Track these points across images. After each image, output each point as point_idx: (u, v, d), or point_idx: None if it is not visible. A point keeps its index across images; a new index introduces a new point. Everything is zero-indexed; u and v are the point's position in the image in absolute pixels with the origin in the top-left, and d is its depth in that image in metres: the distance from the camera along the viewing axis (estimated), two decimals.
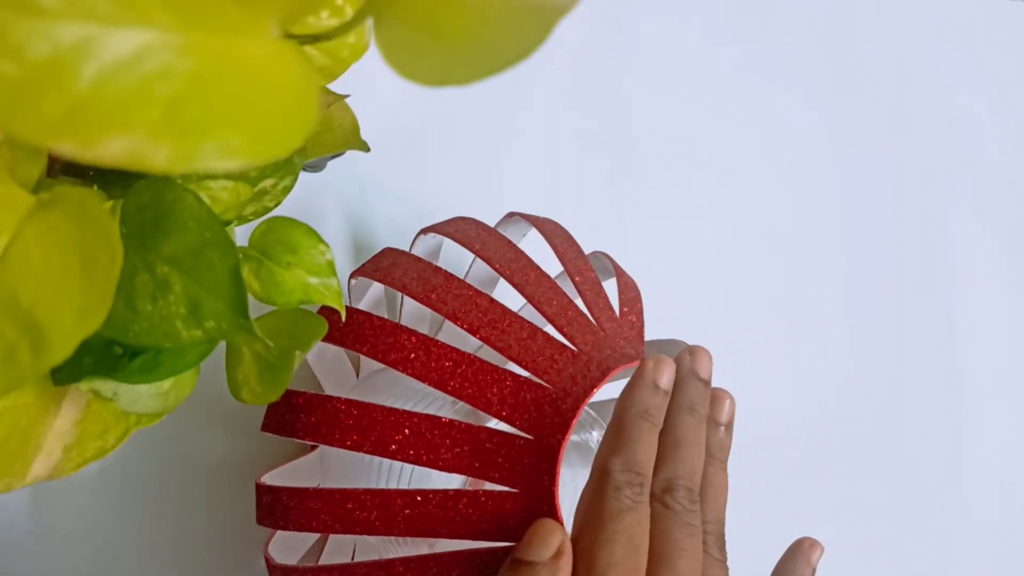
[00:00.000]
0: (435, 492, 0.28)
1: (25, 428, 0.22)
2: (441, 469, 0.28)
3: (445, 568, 0.28)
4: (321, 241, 0.27)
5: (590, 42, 0.51)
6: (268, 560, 0.33)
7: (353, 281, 0.37)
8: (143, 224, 0.20)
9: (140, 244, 0.20)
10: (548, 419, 0.29)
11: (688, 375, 0.32)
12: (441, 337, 0.40)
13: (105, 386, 0.22)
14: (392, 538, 0.34)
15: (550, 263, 0.35)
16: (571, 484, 0.34)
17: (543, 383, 0.30)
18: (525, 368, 0.30)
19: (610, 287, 0.37)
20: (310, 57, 0.25)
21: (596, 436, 0.37)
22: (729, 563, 0.32)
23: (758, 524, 0.44)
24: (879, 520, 0.54)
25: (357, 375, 0.40)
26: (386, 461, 0.35)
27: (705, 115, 0.54)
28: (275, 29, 0.15)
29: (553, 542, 0.27)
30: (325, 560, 0.37)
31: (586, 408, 0.35)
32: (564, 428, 0.28)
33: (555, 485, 0.28)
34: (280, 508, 0.30)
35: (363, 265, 0.35)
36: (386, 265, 0.34)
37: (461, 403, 0.37)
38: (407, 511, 0.28)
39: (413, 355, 0.30)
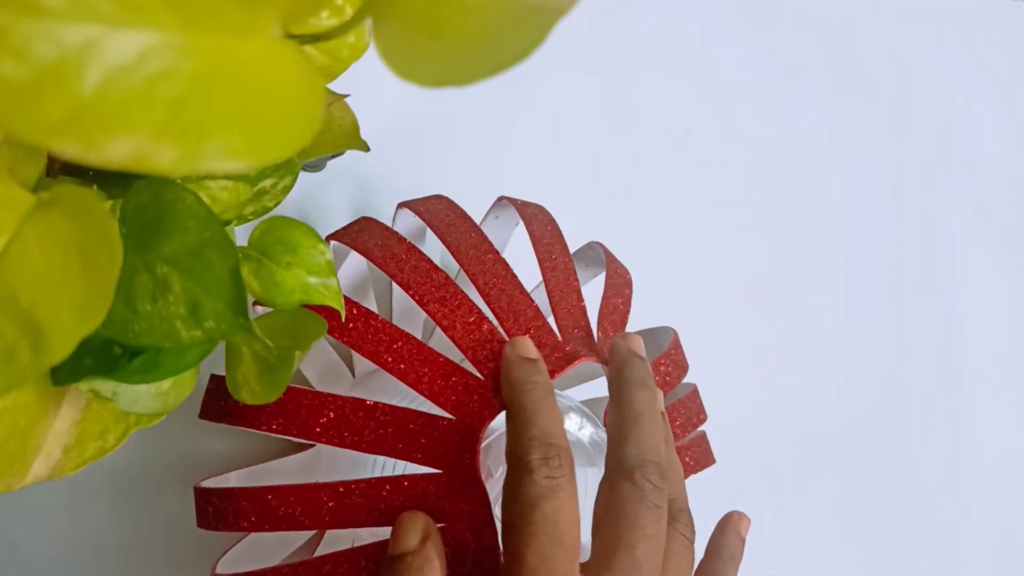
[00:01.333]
0: (358, 482, 0.28)
1: (25, 428, 0.22)
2: (366, 451, 0.28)
3: (373, 559, 0.28)
4: (321, 241, 0.27)
5: (590, 42, 0.51)
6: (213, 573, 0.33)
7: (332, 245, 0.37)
8: (143, 224, 0.20)
9: (140, 244, 0.20)
10: (474, 404, 0.29)
11: (628, 355, 0.31)
12: (432, 343, 0.40)
13: (105, 386, 0.22)
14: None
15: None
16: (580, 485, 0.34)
17: (475, 372, 0.30)
18: (464, 353, 0.30)
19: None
20: (311, 57, 0.25)
21: (588, 431, 0.37)
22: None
23: (758, 524, 0.44)
24: (879, 520, 0.54)
25: (354, 375, 0.40)
26: (389, 460, 0.35)
27: (705, 115, 0.54)
28: (276, 29, 0.15)
29: (417, 529, 0.27)
30: None
31: (579, 403, 0.35)
32: (489, 414, 0.29)
33: (476, 464, 0.28)
34: (212, 510, 0.29)
35: (338, 230, 0.35)
36: (356, 230, 0.35)
37: None
38: (331, 504, 0.28)
39: (352, 325, 0.30)
